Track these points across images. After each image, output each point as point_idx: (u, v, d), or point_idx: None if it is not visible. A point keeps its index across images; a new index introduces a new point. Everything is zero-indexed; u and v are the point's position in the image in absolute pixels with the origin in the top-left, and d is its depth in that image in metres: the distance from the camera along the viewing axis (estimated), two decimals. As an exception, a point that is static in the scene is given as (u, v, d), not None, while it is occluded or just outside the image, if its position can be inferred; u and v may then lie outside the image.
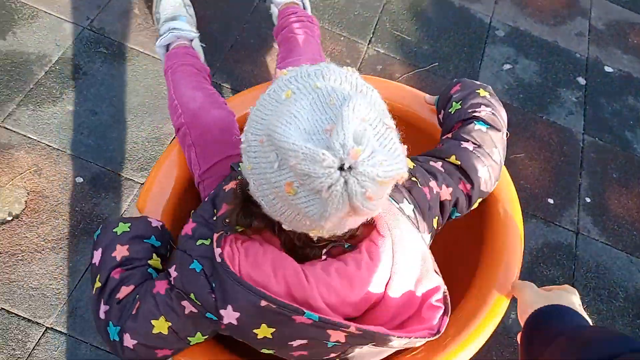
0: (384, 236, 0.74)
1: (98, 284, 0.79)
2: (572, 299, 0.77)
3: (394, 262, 0.73)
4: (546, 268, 1.76)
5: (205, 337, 0.77)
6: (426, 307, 0.74)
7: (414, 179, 0.85)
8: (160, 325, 0.73)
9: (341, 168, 0.55)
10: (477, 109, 0.98)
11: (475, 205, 0.95)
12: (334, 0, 2.18)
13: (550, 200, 1.91)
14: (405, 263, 0.74)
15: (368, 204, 0.57)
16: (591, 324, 0.74)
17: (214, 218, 0.80)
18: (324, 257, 0.73)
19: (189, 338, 0.76)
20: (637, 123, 2.22)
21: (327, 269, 0.71)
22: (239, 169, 0.85)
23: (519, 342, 0.76)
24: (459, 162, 0.90)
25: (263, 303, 0.67)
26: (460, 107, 1.00)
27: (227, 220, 0.73)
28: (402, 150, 0.61)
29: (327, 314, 0.69)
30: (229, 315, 0.70)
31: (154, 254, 0.84)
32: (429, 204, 0.85)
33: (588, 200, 1.95)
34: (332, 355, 0.74)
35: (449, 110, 1.02)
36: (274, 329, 0.70)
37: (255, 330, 0.71)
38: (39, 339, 1.34)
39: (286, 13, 1.48)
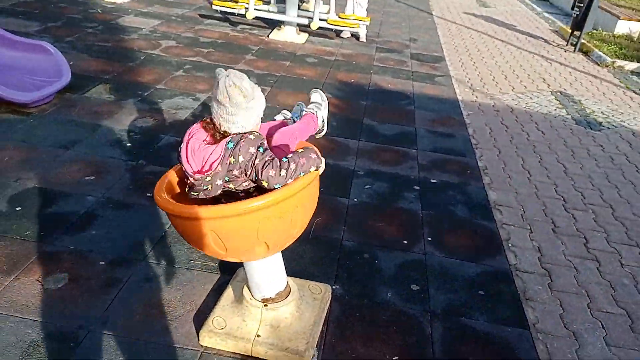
0: None
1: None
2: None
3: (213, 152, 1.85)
4: (408, 272, 2.73)
5: None
6: None
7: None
8: None
9: None
10: None
11: None
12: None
13: (405, 242, 2.99)
14: None
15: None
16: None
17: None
18: None
19: None
20: (456, 202, 3.49)
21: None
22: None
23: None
24: None
25: None
26: None
27: None
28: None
29: None
30: None
31: None
32: None
33: (430, 239, 3.04)
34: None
35: None
36: None
37: None
38: (83, 338, 2.11)
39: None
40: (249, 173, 1.73)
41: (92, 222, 2.82)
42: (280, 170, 1.70)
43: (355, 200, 3.37)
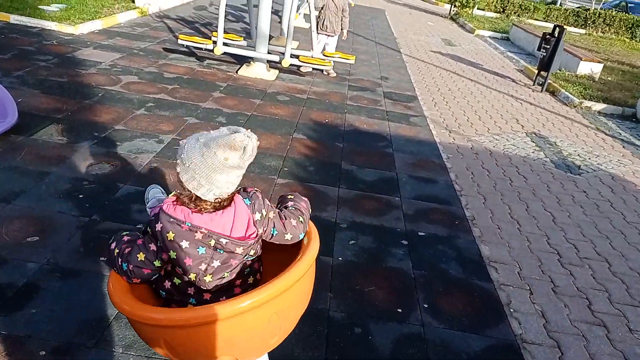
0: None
1: (116, 251, 1.54)
2: None
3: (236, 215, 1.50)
4: (406, 349, 2.39)
5: (160, 263, 1.50)
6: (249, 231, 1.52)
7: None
8: (141, 256, 1.49)
9: None
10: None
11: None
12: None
13: (399, 310, 2.65)
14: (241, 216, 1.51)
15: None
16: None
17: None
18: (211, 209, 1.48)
19: (154, 263, 1.50)
20: (448, 259, 3.20)
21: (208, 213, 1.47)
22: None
23: None
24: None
25: (171, 219, 1.44)
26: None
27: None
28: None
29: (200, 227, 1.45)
30: (158, 226, 1.44)
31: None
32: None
33: (426, 305, 2.72)
34: (203, 265, 1.47)
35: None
36: (174, 234, 1.44)
37: (167, 234, 1.44)
38: None
39: None
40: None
41: (33, 297, 2.36)
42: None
43: (340, 259, 3.03)
